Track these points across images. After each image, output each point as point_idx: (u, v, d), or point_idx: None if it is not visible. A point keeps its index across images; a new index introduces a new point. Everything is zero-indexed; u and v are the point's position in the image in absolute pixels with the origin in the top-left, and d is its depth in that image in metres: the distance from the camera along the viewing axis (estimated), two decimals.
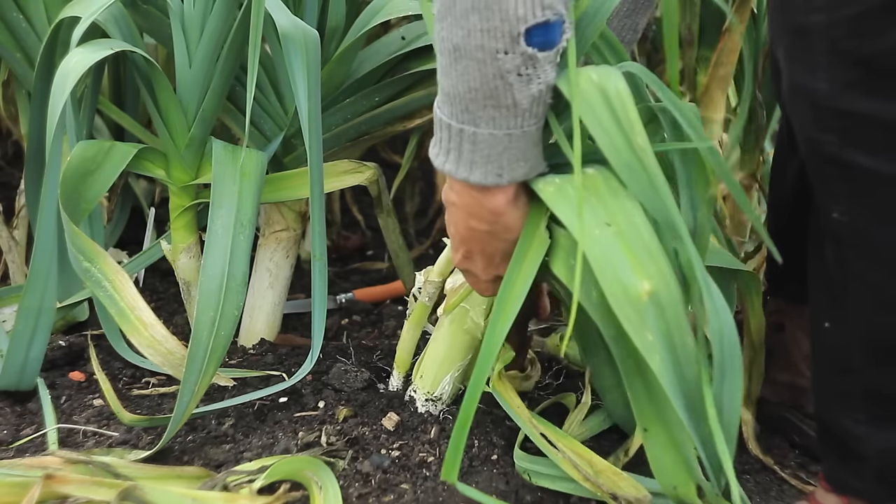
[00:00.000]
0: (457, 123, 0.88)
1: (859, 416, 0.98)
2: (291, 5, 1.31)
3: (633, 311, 0.80)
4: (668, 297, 0.80)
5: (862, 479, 1.01)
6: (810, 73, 0.90)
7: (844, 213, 0.92)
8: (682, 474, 0.88)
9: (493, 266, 0.99)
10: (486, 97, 0.85)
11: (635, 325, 0.80)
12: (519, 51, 0.82)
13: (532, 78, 0.84)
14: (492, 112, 0.85)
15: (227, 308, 1.16)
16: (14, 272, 1.61)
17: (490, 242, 0.96)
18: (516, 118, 0.86)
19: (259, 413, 1.25)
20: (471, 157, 0.89)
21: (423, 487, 1.09)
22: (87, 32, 1.22)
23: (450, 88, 0.87)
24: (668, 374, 0.81)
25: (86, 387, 1.34)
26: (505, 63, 0.82)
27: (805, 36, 0.90)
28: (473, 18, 0.81)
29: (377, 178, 1.39)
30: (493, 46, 0.82)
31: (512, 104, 0.85)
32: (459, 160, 0.89)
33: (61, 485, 0.99)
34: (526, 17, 0.80)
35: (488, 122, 0.86)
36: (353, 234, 2.03)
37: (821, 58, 0.89)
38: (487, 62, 0.82)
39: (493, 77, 0.83)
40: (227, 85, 1.33)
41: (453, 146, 0.89)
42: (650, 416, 0.88)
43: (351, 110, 1.44)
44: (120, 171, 1.26)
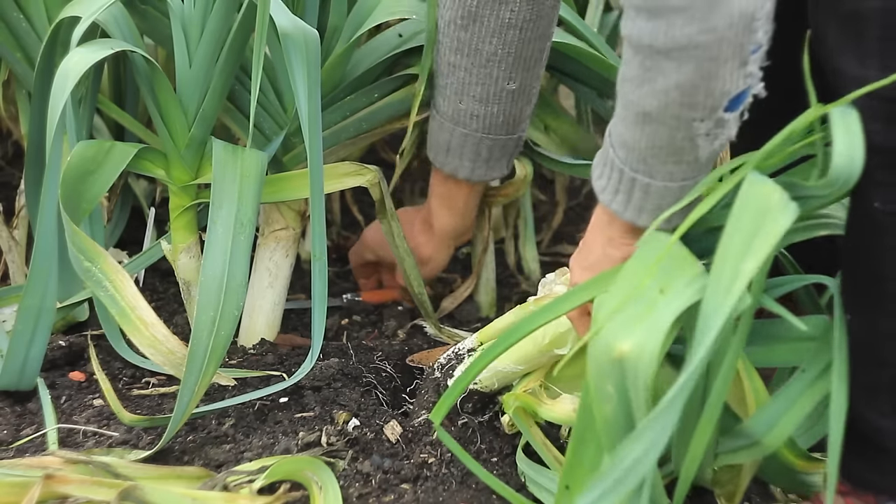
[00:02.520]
0: (630, 171, 0.89)
1: (885, 409, 0.99)
2: (291, 5, 1.31)
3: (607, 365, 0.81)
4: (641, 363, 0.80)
5: (882, 472, 1.01)
6: (859, 60, 0.90)
7: (887, 202, 0.92)
8: None
9: None
10: (670, 154, 0.86)
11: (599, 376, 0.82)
12: (715, 118, 0.83)
13: (718, 136, 0.85)
14: (671, 168, 0.87)
15: (227, 308, 1.16)
16: (14, 272, 1.61)
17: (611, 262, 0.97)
18: (693, 171, 0.88)
19: (259, 413, 1.25)
20: (641, 203, 0.90)
21: (424, 488, 1.09)
22: (87, 32, 1.22)
23: (630, 141, 0.88)
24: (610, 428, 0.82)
25: (86, 387, 1.34)
26: (699, 129, 0.84)
27: (857, 22, 0.89)
28: (674, 94, 0.83)
29: (378, 182, 1.39)
30: (690, 117, 0.83)
31: (694, 160, 0.86)
32: (628, 203, 0.91)
33: (61, 485, 0.99)
34: (730, 91, 0.82)
35: (665, 176, 0.88)
36: (353, 234, 2.02)
37: (872, 44, 0.89)
38: (681, 129, 0.84)
39: (683, 139, 0.85)
40: (227, 85, 1.33)
41: (623, 188, 0.91)
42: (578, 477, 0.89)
43: (350, 107, 1.44)
44: (120, 171, 1.26)
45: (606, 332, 0.82)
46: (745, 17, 0.80)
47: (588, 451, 0.90)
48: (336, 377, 1.31)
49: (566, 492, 0.91)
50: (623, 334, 0.81)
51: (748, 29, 0.81)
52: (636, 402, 0.82)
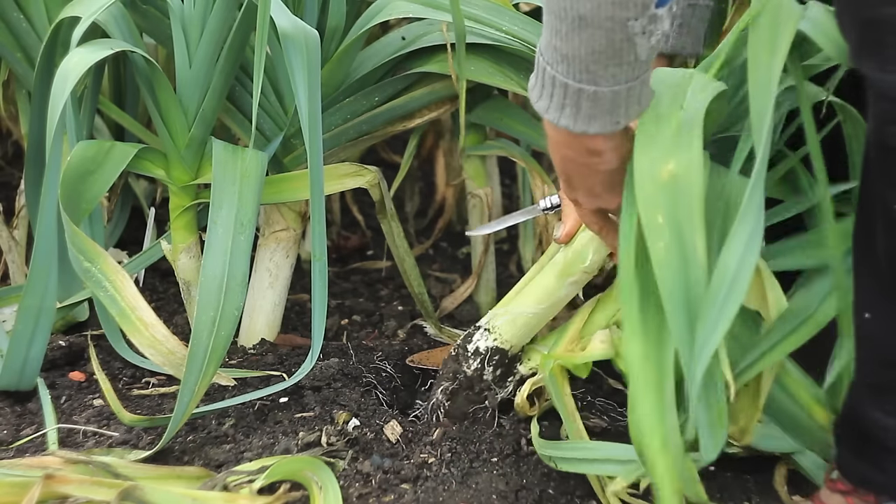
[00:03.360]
0: (574, 83, 0.89)
1: (890, 409, 0.99)
2: (291, 5, 1.31)
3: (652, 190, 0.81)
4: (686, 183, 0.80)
5: (885, 472, 1.01)
6: (879, 66, 0.90)
7: None
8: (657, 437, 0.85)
9: (594, 196, 1.01)
10: (610, 57, 0.87)
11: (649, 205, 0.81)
12: (648, 14, 0.84)
13: (653, 32, 0.86)
14: (614, 70, 0.87)
15: (227, 308, 1.16)
16: (14, 272, 1.61)
17: (588, 175, 0.98)
18: (635, 70, 0.88)
19: (259, 413, 1.25)
20: (591, 111, 0.90)
21: (424, 488, 1.09)
22: (87, 32, 1.22)
23: (568, 51, 0.88)
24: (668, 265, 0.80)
25: (86, 387, 1.34)
26: (634, 27, 0.85)
27: (876, 28, 0.90)
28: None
29: (378, 182, 1.39)
30: (624, 16, 0.84)
31: (633, 59, 0.87)
32: (577, 115, 0.91)
33: (61, 485, 0.99)
34: None
35: (609, 80, 0.88)
36: (353, 234, 2.03)
37: (891, 50, 0.89)
38: (617, 30, 0.85)
39: (620, 41, 0.85)
40: (227, 85, 1.33)
41: (569, 102, 0.91)
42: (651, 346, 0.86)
43: (350, 110, 1.44)
44: (120, 171, 1.26)
45: (648, 159, 0.82)
46: None
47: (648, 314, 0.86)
48: (336, 377, 1.31)
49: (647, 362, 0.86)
50: (664, 156, 0.81)
51: None
52: (689, 229, 0.80)
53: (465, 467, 1.13)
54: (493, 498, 1.08)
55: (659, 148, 0.83)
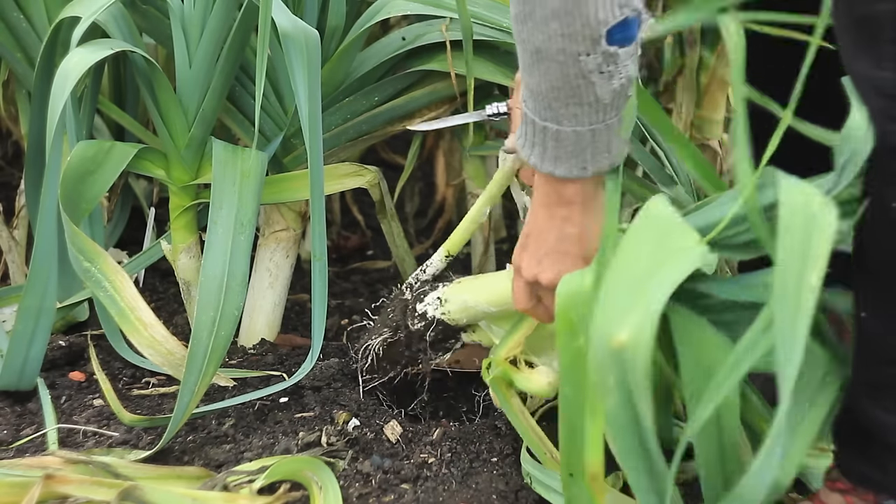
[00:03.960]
0: (540, 120, 0.89)
1: (890, 406, 0.99)
2: (291, 5, 1.31)
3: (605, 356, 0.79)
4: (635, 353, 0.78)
5: (885, 470, 1.01)
6: (875, 63, 0.90)
7: None
8: None
9: (536, 261, 0.98)
10: (569, 96, 0.86)
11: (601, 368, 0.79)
12: (600, 51, 0.83)
13: (613, 74, 0.85)
14: (574, 109, 0.86)
15: (227, 308, 1.16)
16: (14, 272, 1.61)
17: (546, 228, 0.95)
18: (598, 113, 0.87)
19: (259, 413, 1.25)
20: (555, 152, 0.90)
21: (424, 488, 1.09)
22: (87, 32, 1.22)
23: (533, 86, 0.88)
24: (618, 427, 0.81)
25: (86, 387, 1.34)
26: (587, 64, 0.83)
27: (871, 25, 0.90)
28: (554, 24, 0.83)
29: (378, 182, 1.39)
30: (574, 50, 0.83)
31: (594, 100, 0.86)
32: (544, 155, 0.90)
33: (61, 485, 0.99)
34: (606, 19, 0.82)
35: (571, 120, 0.87)
36: (353, 234, 2.03)
37: (887, 46, 0.89)
38: (569, 64, 0.84)
39: (575, 77, 0.84)
40: (227, 85, 1.33)
41: (538, 141, 0.90)
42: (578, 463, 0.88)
43: (350, 110, 1.44)
44: (120, 171, 1.26)
45: (602, 320, 0.79)
46: None
47: (578, 438, 0.87)
48: (336, 377, 1.31)
49: (571, 479, 0.90)
50: (619, 321, 0.78)
51: None
52: (637, 394, 0.80)
53: (465, 467, 1.13)
54: (493, 498, 1.08)
55: (619, 307, 0.79)
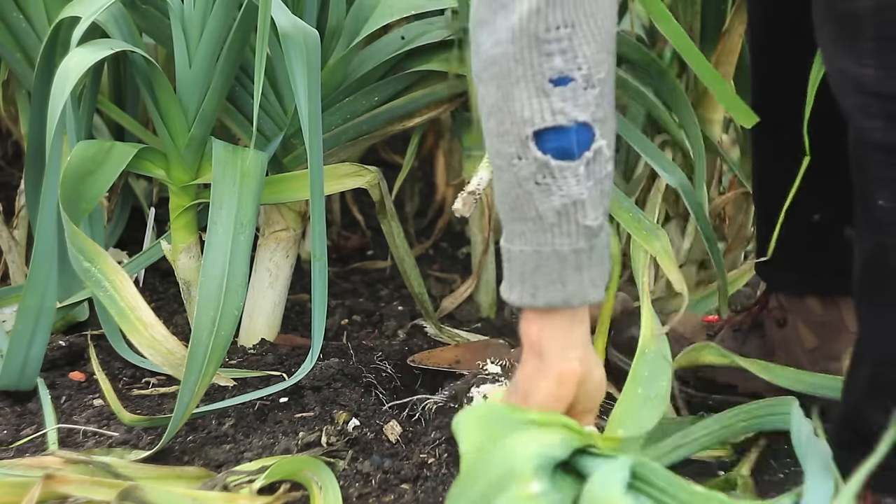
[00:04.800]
0: (505, 243, 0.87)
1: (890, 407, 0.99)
2: (291, 5, 1.31)
3: None
4: None
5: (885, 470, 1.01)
6: (856, 59, 0.90)
7: (890, 199, 0.91)
8: None
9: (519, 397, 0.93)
10: (513, 208, 0.83)
11: None
12: (531, 156, 0.80)
13: (552, 188, 0.81)
14: (520, 226, 0.84)
15: (227, 308, 1.16)
16: (14, 272, 1.61)
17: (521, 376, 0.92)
18: (544, 233, 0.83)
19: (259, 413, 1.25)
20: (509, 275, 0.87)
21: (424, 488, 1.09)
22: (87, 32, 1.22)
23: (496, 196, 0.86)
24: None
25: (86, 387, 1.34)
26: (521, 170, 0.80)
27: (852, 22, 0.90)
28: (492, 122, 0.81)
29: (378, 182, 1.39)
30: (508, 151, 0.81)
31: (536, 216, 0.82)
32: (507, 278, 0.88)
33: (61, 485, 0.99)
34: (533, 119, 0.79)
35: (519, 238, 0.85)
36: (353, 234, 2.03)
37: (868, 43, 0.89)
38: (504, 168, 0.82)
39: (513, 185, 0.82)
40: (227, 85, 1.33)
41: (506, 268, 0.88)
42: None
43: (350, 110, 1.44)
44: (120, 171, 1.26)
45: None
46: (527, 32, 0.78)
47: None
48: (336, 377, 1.31)
49: None
50: None
51: (535, 48, 0.79)
52: None
53: None
54: None
55: None
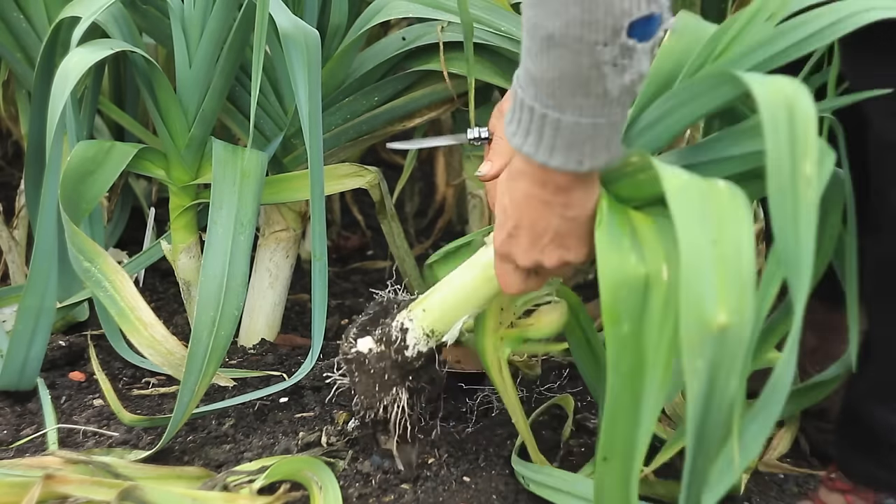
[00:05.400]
0: (540, 107, 0.85)
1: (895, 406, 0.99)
2: (291, 5, 1.31)
3: (697, 337, 0.76)
4: (736, 335, 0.76)
5: (891, 469, 1.01)
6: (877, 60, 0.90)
7: None
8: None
9: (538, 248, 0.93)
10: (577, 86, 0.83)
11: (692, 349, 0.76)
12: (619, 42, 0.80)
13: (626, 68, 0.82)
14: (580, 100, 0.83)
15: (227, 308, 1.16)
16: (14, 272, 1.61)
17: (544, 216, 0.91)
18: (604, 107, 0.84)
19: (259, 413, 1.25)
20: (552, 141, 0.86)
21: (424, 488, 1.09)
22: (87, 32, 1.22)
23: (537, 73, 0.84)
24: (696, 404, 0.78)
25: (86, 387, 1.34)
26: (602, 55, 0.80)
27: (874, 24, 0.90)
28: (574, 10, 0.79)
29: (378, 183, 1.39)
30: (592, 38, 0.80)
31: (602, 93, 0.83)
32: (540, 143, 0.87)
33: (61, 485, 0.99)
34: (631, 11, 0.79)
35: (574, 110, 0.84)
36: (353, 234, 2.03)
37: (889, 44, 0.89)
38: (584, 53, 0.80)
39: (588, 67, 0.81)
40: (227, 85, 1.33)
41: (534, 128, 0.87)
42: (620, 449, 0.87)
43: (351, 110, 1.44)
44: (120, 171, 1.26)
45: (692, 301, 0.76)
46: None
47: (622, 424, 0.86)
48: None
49: (605, 463, 0.87)
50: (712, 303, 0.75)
51: None
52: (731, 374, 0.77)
53: (465, 467, 1.13)
54: (493, 498, 1.08)
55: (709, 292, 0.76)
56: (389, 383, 1.08)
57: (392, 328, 1.08)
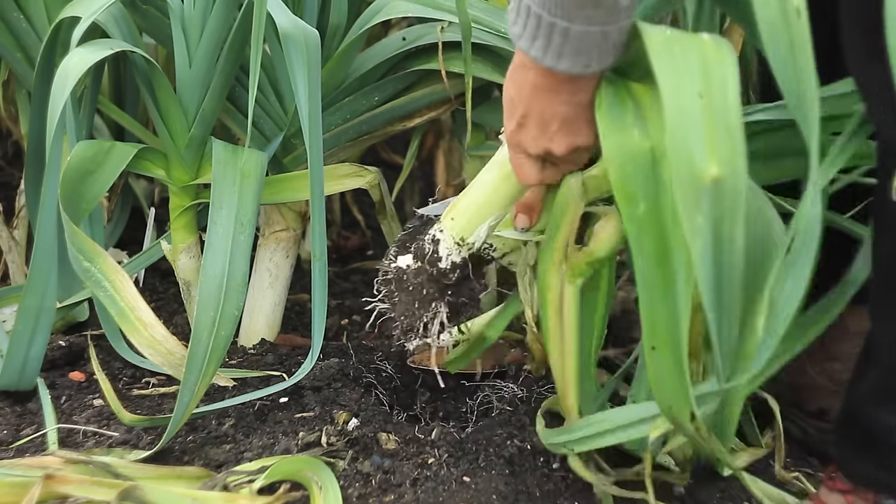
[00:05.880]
0: (548, 16, 0.85)
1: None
2: (291, 5, 1.31)
3: (692, 192, 0.75)
4: (731, 186, 0.75)
5: (891, 470, 1.01)
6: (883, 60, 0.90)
7: None
8: (680, 397, 0.87)
9: (547, 136, 0.93)
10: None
11: (689, 206, 0.75)
12: None
13: None
14: (590, 12, 0.83)
15: (227, 308, 1.16)
16: (14, 272, 1.61)
17: (552, 104, 0.92)
18: (612, 15, 0.83)
19: (259, 413, 1.25)
20: (560, 48, 0.86)
21: (424, 488, 1.09)
22: (87, 32, 1.22)
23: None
24: (705, 263, 0.77)
25: (86, 387, 1.34)
26: None
27: (880, 24, 0.90)
28: None
29: (378, 183, 1.39)
30: None
31: (613, 4, 0.82)
32: (547, 49, 0.86)
33: (61, 485, 0.99)
34: None
35: (583, 20, 0.84)
36: (353, 234, 2.03)
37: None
38: None
39: None
40: (227, 85, 1.33)
41: (541, 34, 0.87)
42: (663, 335, 0.85)
43: (350, 110, 1.44)
44: (120, 171, 1.26)
45: (682, 156, 0.75)
46: None
47: (660, 308, 0.85)
48: (336, 377, 1.31)
49: (654, 353, 0.87)
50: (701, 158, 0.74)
51: None
52: (733, 224, 0.76)
53: (465, 467, 1.13)
54: (493, 498, 1.08)
55: (697, 145, 0.76)
56: (428, 298, 1.07)
57: (425, 241, 1.07)
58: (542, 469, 1.14)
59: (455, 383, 1.39)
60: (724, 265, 0.78)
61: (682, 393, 0.86)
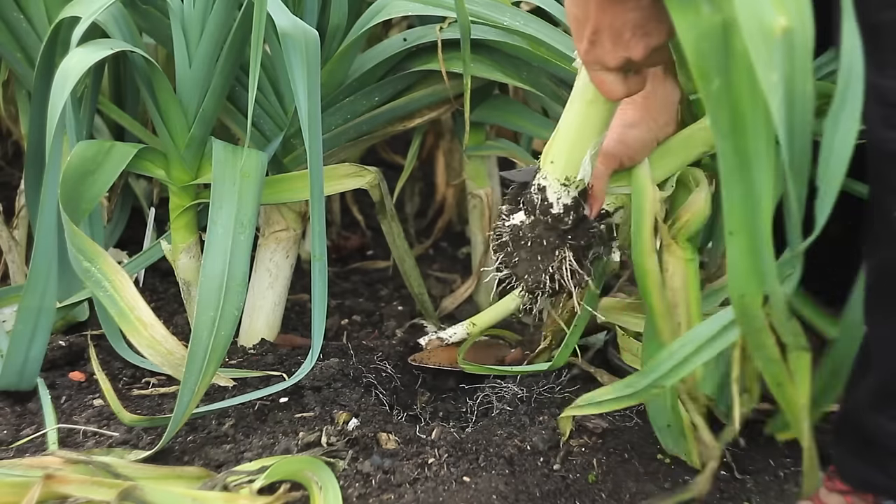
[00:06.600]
0: None
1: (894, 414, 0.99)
2: (291, 5, 1.31)
3: (764, 48, 0.76)
4: (801, 38, 0.76)
5: (888, 473, 1.02)
6: (879, 71, 0.90)
7: None
8: (753, 283, 0.87)
9: (623, 44, 0.93)
10: None
11: (764, 63, 0.76)
12: None
13: None
14: None
15: (227, 308, 1.16)
16: (14, 272, 1.61)
17: (620, 13, 0.91)
18: None
19: (259, 413, 1.25)
20: None
21: (424, 488, 1.09)
22: (87, 32, 1.22)
23: None
24: (783, 119, 0.77)
25: (86, 387, 1.34)
26: None
27: (876, 34, 0.90)
28: None
29: (378, 183, 1.39)
30: None
31: None
32: None
33: (61, 485, 0.99)
34: None
35: None
36: (353, 234, 2.03)
37: (891, 55, 0.89)
38: None
39: None
40: (227, 85, 1.33)
41: None
42: (740, 219, 0.85)
43: (351, 110, 1.44)
44: (120, 171, 1.26)
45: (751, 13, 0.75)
46: None
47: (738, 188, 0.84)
48: (336, 377, 1.31)
49: (732, 237, 0.86)
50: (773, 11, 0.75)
51: None
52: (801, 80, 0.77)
53: (464, 467, 1.13)
54: (493, 498, 1.08)
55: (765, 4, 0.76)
56: (550, 247, 1.06)
57: (532, 193, 1.07)
58: (542, 469, 1.14)
59: (455, 383, 1.39)
60: (796, 124, 0.79)
61: (757, 278, 0.86)
